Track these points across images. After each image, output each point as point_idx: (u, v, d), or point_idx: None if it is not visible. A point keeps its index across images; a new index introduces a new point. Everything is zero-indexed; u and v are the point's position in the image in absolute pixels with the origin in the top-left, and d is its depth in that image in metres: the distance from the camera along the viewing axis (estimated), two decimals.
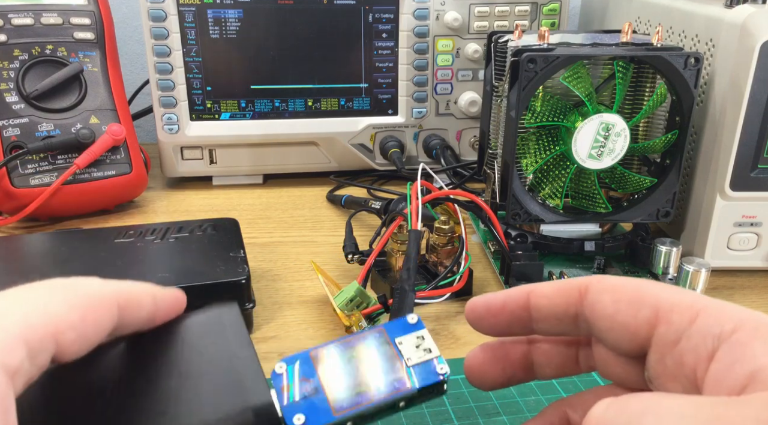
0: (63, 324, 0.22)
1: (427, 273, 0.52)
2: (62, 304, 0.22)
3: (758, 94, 0.48)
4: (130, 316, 0.25)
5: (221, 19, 0.70)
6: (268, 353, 0.44)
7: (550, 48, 0.50)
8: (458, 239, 0.51)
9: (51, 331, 0.21)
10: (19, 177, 0.63)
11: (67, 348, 0.22)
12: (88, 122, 0.66)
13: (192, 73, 0.72)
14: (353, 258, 0.54)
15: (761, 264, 0.54)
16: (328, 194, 0.73)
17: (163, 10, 0.68)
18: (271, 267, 0.57)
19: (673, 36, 0.59)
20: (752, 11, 0.48)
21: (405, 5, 0.72)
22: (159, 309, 0.27)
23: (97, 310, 0.23)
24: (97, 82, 0.67)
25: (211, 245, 0.49)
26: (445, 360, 0.26)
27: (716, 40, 0.51)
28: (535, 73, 0.48)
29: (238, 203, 0.73)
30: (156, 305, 0.27)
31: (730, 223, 0.53)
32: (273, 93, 0.74)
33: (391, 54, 0.74)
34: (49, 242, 0.51)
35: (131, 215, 0.69)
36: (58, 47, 0.66)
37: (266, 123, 0.74)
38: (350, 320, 0.44)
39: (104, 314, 0.24)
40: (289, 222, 0.67)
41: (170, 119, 0.72)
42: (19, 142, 0.63)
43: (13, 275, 0.45)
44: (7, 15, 0.64)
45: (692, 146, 0.55)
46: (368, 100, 0.76)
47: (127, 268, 0.45)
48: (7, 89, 0.64)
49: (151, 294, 0.27)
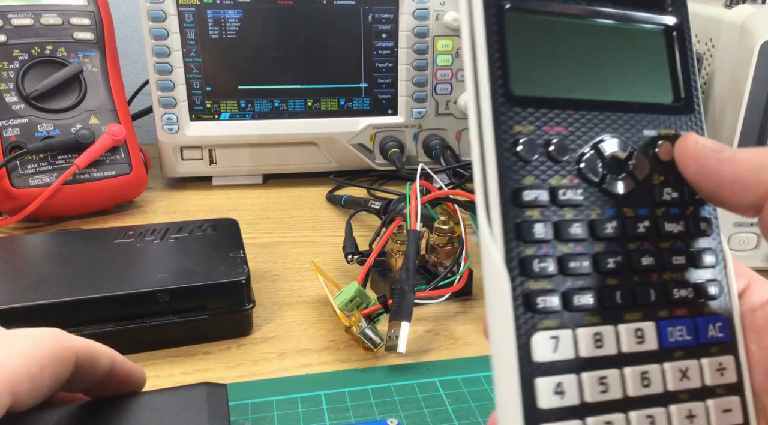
0: (21, 377, 0.23)
1: (427, 273, 0.52)
2: (21, 357, 0.23)
3: (758, 94, 0.48)
4: (86, 371, 0.26)
5: (221, 19, 0.70)
6: (268, 353, 0.44)
7: None
8: (458, 239, 0.51)
9: (8, 385, 0.22)
10: (19, 177, 0.63)
11: (22, 399, 0.23)
12: (87, 123, 0.66)
13: (192, 73, 0.72)
14: (353, 258, 0.54)
15: (761, 264, 0.54)
16: (328, 194, 0.73)
17: (162, 11, 0.68)
18: (271, 267, 0.57)
19: None
20: (752, 11, 0.48)
21: (405, 5, 0.72)
22: (119, 374, 0.28)
23: (55, 363, 0.24)
24: (96, 83, 0.67)
25: (211, 245, 0.49)
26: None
27: (716, 40, 0.51)
28: None
29: (238, 203, 0.73)
30: (114, 368, 0.28)
31: (730, 223, 0.53)
32: (273, 93, 0.74)
33: (391, 54, 0.74)
34: (49, 242, 0.51)
35: (131, 216, 0.69)
36: (57, 47, 0.66)
37: (266, 123, 0.74)
38: (350, 320, 0.44)
39: (61, 368, 0.25)
40: (289, 222, 0.67)
41: (170, 120, 0.72)
42: (19, 142, 0.63)
43: (14, 275, 0.45)
44: (7, 15, 0.64)
45: None
46: (368, 101, 0.76)
47: (126, 268, 0.45)
48: (7, 90, 0.64)
49: (111, 357, 0.28)
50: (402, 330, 0.42)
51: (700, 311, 0.22)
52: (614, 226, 0.21)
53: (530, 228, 0.20)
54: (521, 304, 0.20)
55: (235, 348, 0.45)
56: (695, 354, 0.21)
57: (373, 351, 0.43)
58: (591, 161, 0.21)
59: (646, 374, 0.20)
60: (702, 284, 0.22)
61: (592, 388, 0.20)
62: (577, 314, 0.20)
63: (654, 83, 0.23)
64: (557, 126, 0.21)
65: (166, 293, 0.42)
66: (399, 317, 0.42)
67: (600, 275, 0.21)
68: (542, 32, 0.22)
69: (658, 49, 0.23)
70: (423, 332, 0.47)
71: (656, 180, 0.22)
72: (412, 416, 0.38)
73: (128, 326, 0.42)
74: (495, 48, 0.20)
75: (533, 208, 0.20)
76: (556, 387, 0.19)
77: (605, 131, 0.22)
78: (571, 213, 0.21)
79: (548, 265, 0.20)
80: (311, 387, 0.40)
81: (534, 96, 0.21)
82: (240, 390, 0.40)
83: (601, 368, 0.20)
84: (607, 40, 0.23)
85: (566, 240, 0.20)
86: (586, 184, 0.21)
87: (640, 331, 0.21)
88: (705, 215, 0.23)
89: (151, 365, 0.42)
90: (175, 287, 0.43)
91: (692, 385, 0.21)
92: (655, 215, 0.22)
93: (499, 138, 0.20)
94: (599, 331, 0.20)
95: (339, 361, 0.43)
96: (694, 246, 0.22)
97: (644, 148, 0.22)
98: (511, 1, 0.21)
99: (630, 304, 0.21)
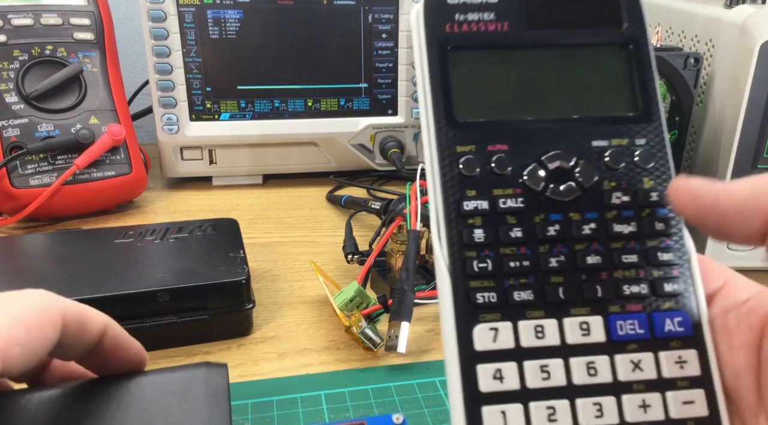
0: (9, 341, 0.22)
1: (427, 273, 0.52)
2: (6, 320, 0.22)
3: (758, 94, 0.48)
4: (75, 333, 0.25)
5: (221, 19, 0.70)
6: (268, 353, 0.44)
7: None
8: None
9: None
10: (19, 177, 0.63)
11: (12, 364, 0.22)
12: (87, 123, 0.66)
13: (192, 73, 0.72)
14: (353, 258, 0.54)
15: (761, 264, 0.54)
16: (328, 194, 0.73)
17: (162, 11, 0.68)
18: (271, 267, 0.57)
19: (673, 36, 0.59)
20: (752, 11, 0.48)
21: (405, 5, 0.72)
22: (114, 343, 0.27)
23: (42, 324, 0.23)
24: (96, 83, 0.67)
25: (211, 245, 0.49)
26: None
27: (716, 41, 0.51)
28: None
29: (238, 203, 0.73)
30: (107, 335, 0.26)
31: None
32: (273, 93, 0.74)
33: (391, 54, 0.74)
34: (49, 242, 0.51)
35: (131, 216, 0.69)
36: (57, 48, 0.66)
37: (266, 123, 0.74)
38: (350, 320, 0.44)
39: (48, 328, 0.24)
40: (289, 222, 0.67)
41: (170, 120, 0.72)
42: (19, 142, 0.63)
43: (14, 275, 0.45)
44: (7, 15, 0.64)
45: (692, 146, 0.55)
46: (368, 101, 0.76)
47: (126, 268, 0.45)
48: (7, 90, 0.64)
49: (104, 322, 0.26)
50: (402, 330, 0.42)
51: (657, 307, 0.23)
52: (557, 229, 0.23)
53: (471, 234, 0.22)
54: (463, 300, 0.22)
55: (235, 348, 0.45)
56: (651, 347, 0.22)
57: (373, 351, 0.43)
58: (533, 172, 0.23)
59: (592, 363, 0.22)
60: (658, 282, 0.23)
61: (533, 375, 0.21)
62: (518, 309, 0.22)
63: (609, 97, 0.25)
64: (499, 144, 0.23)
65: (166, 293, 0.42)
66: (399, 318, 0.42)
67: (542, 273, 0.23)
68: (486, 65, 0.25)
69: (613, 63, 0.25)
70: (423, 332, 0.47)
71: (606, 186, 0.24)
72: (412, 416, 0.38)
73: (128, 326, 0.41)
74: (438, 83, 0.24)
75: (474, 216, 0.23)
76: (495, 372, 0.21)
77: (550, 146, 0.24)
78: (513, 219, 0.23)
79: (487, 266, 0.22)
80: (311, 387, 0.40)
81: (477, 121, 0.24)
82: (240, 390, 0.40)
83: (545, 357, 0.22)
84: (556, 63, 0.25)
85: (507, 243, 0.23)
86: (529, 193, 0.23)
87: (585, 324, 0.22)
88: (662, 215, 0.24)
89: (152, 365, 0.42)
90: (175, 287, 0.43)
91: (646, 376, 0.22)
92: (605, 218, 0.23)
93: (443, 158, 0.23)
94: (541, 324, 0.22)
95: (339, 361, 0.43)
96: (649, 246, 0.23)
97: (592, 157, 0.24)
98: (454, 41, 0.24)
99: (578, 300, 0.22)
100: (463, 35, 0.24)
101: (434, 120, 0.23)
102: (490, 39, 0.24)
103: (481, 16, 0.24)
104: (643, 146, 0.24)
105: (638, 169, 0.24)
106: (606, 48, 0.25)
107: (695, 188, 0.22)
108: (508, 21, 0.24)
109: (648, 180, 0.24)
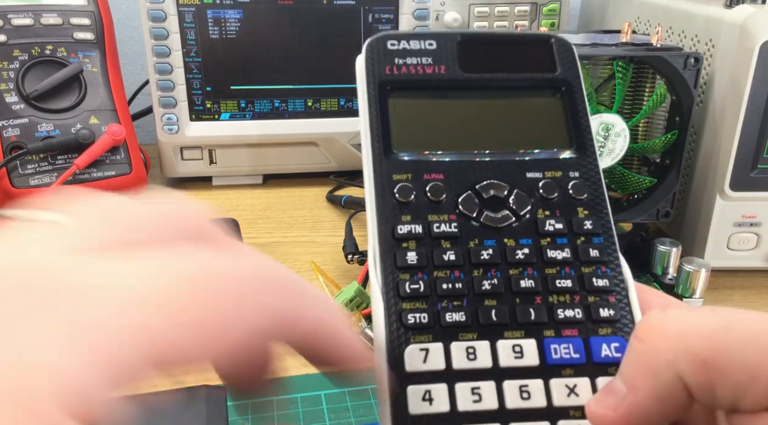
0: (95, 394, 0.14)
1: None
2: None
3: (758, 94, 0.48)
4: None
5: (221, 19, 0.70)
6: None
7: None
8: None
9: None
10: (19, 177, 0.63)
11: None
12: (87, 123, 0.66)
13: (192, 73, 0.72)
14: (353, 258, 0.54)
15: (761, 264, 0.54)
16: (328, 194, 0.73)
17: (162, 11, 0.68)
18: None
19: (673, 36, 0.59)
20: (752, 11, 0.48)
21: (405, 5, 0.72)
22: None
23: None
24: (96, 83, 0.67)
25: None
26: None
27: (716, 41, 0.51)
28: None
29: (238, 203, 0.73)
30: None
31: (730, 223, 0.53)
32: (273, 93, 0.74)
33: None
34: None
35: None
36: (57, 47, 0.66)
37: (266, 123, 0.74)
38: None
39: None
40: (289, 222, 0.67)
41: (170, 120, 0.72)
42: (19, 142, 0.63)
43: None
44: (7, 15, 0.64)
45: (692, 146, 0.55)
46: None
47: None
48: (7, 90, 0.64)
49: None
50: None
51: (594, 332, 0.23)
52: (491, 253, 0.23)
53: (404, 257, 0.23)
54: (395, 321, 0.22)
55: None
56: (587, 372, 0.22)
57: (373, 350, 0.43)
58: (468, 199, 0.24)
59: (525, 387, 0.21)
60: (594, 306, 0.23)
61: (464, 398, 0.21)
62: (450, 330, 0.22)
63: (543, 134, 0.26)
64: (435, 173, 0.24)
65: None
66: None
67: (476, 296, 0.23)
68: (423, 103, 0.26)
69: (547, 104, 0.27)
70: None
71: (540, 215, 0.24)
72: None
73: None
74: (377, 119, 0.25)
75: (409, 240, 0.23)
76: (425, 394, 0.21)
77: (485, 176, 0.25)
78: (447, 243, 0.23)
79: (419, 287, 0.22)
80: (311, 387, 0.40)
81: (413, 151, 0.25)
82: None
83: (477, 380, 0.21)
84: (493, 103, 0.27)
85: (440, 266, 0.23)
86: (463, 219, 0.24)
87: (519, 347, 0.22)
88: (597, 243, 0.24)
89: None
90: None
91: (582, 402, 0.21)
92: (539, 244, 0.24)
93: (379, 185, 0.24)
94: (473, 345, 0.22)
95: None
96: (584, 272, 0.23)
97: (526, 188, 0.24)
98: (393, 82, 0.25)
99: (512, 323, 0.22)
100: (401, 77, 0.25)
101: (372, 151, 0.24)
102: (427, 81, 0.26)
103: (419, 60, 0.26)
104: (577, 178, 0.25)
105: (572, 200, 0.24)
106: (540, 90, 0.27)
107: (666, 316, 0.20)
108: (445, 65, 0.26)
109: (582, 210, 0.24)
